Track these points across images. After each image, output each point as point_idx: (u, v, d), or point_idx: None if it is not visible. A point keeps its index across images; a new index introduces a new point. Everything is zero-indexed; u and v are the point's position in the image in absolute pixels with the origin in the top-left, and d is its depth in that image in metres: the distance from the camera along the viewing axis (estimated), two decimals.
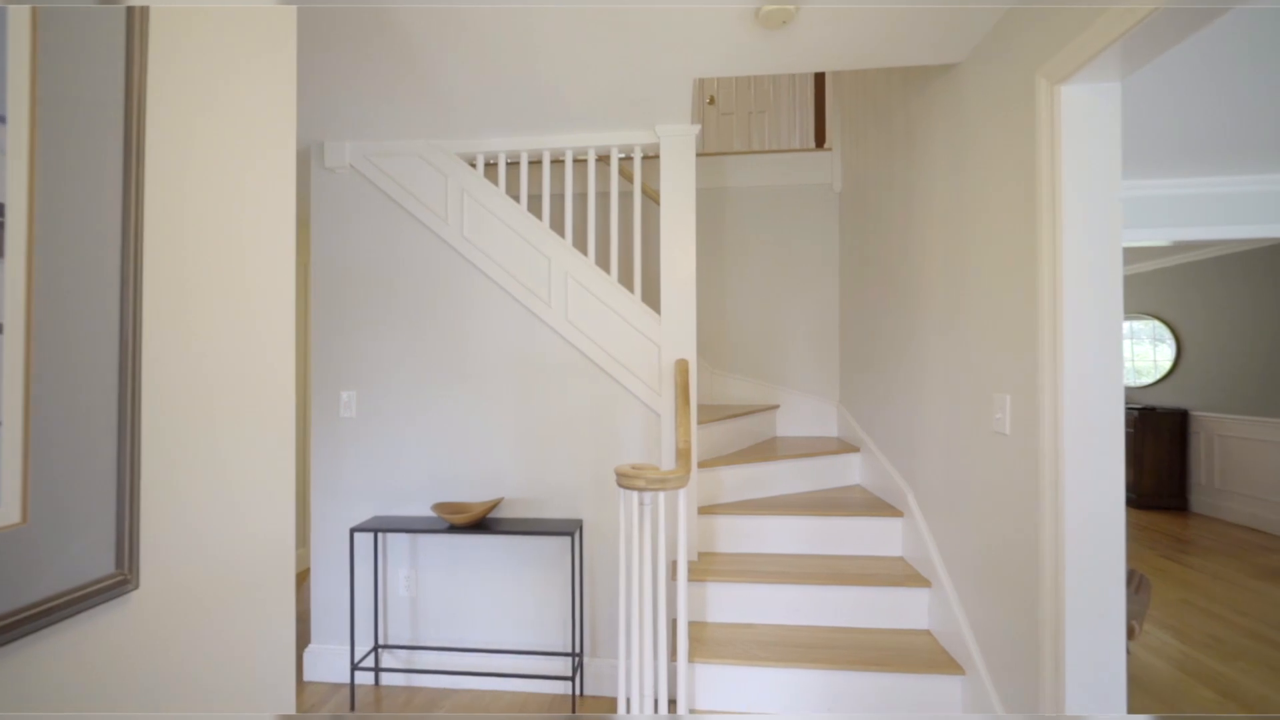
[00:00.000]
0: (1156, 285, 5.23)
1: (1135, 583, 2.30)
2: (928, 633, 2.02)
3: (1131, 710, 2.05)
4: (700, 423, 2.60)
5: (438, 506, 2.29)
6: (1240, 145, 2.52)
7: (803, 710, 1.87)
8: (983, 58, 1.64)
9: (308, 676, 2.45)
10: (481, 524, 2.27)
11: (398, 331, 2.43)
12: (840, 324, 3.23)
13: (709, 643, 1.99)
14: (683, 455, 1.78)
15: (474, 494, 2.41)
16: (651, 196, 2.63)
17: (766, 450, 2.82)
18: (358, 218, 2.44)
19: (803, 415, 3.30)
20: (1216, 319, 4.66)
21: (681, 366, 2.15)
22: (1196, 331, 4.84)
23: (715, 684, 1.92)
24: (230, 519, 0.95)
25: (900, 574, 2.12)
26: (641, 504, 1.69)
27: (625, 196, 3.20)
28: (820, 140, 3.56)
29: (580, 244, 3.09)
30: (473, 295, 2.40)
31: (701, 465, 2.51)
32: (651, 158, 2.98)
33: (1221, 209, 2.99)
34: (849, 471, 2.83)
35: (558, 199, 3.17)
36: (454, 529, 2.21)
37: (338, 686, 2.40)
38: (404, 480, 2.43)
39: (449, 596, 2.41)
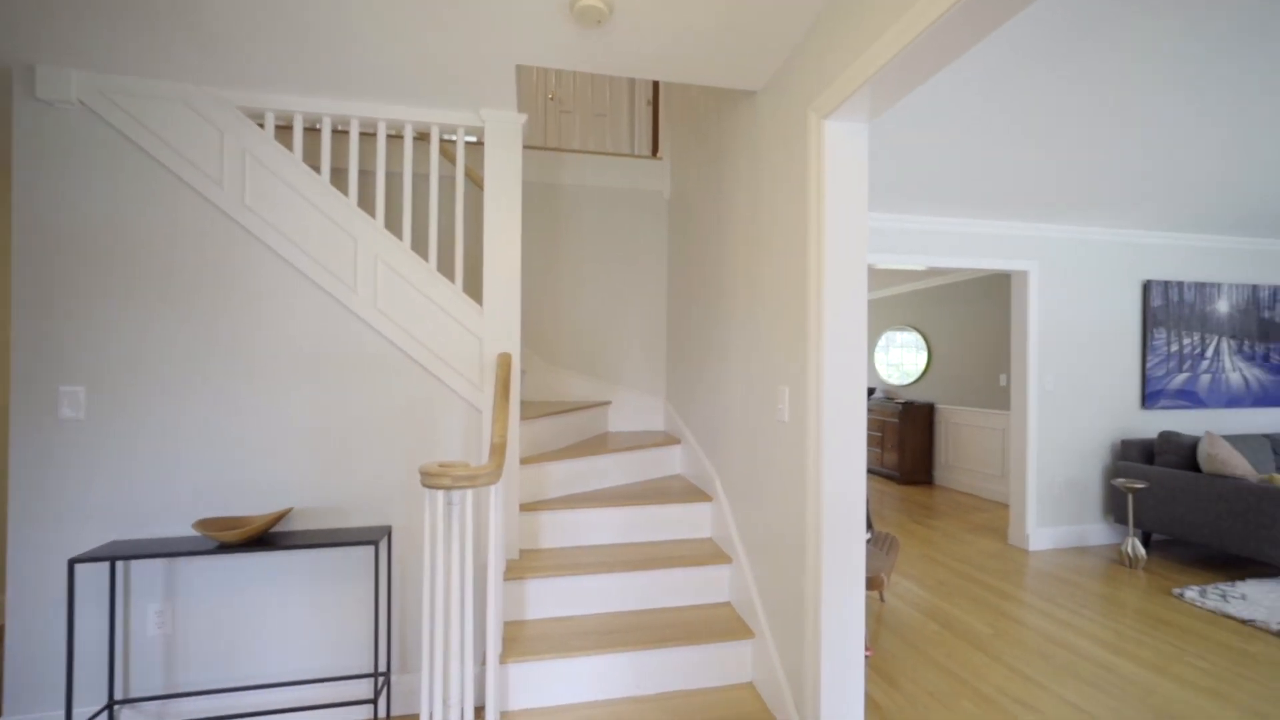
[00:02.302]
0: (916, 303, 6.45)
1: (887, 544, 2.80)
2: (728, 604, 2.23)
3: (875, 645, 2.49)
4: (529, 418, 2.56)
5: (203, 523, 1.92)
6: (965, 196, 3.22)
7: (613, 692, 1.93)
8: (775, 89, 1.86)
9: None
10: (264, 539, 1.96)
11: (151, 314, 1.99)
12: (668, 324, 3.42)
13: (526, 640, 1.96)
14: (497, 450, 1.73)
15: (257, 505, 2.08)
16: (476, 182, 2.52)
17: (596, 445, 2.88)
18: (89, 169, 1.94)
19: (633, 410, 3.44)
20: (954, 331, 5.90)
21: (504, 360, 2.09)
22: (942, 341, 6.08)
23: (531, 681, 1.90)
24: None
25: (708, 554, 2.31)
26: (449, 504, 1.60)
27: (448, 181, 3.03)
28: (656, 149, 3.75)
29: (395, 228, 2.85)
30: (257, 274, 2.06)
31: (529, 461, 2.47)
32: (477, 144, 2.85)
33: (960, 244, 3.79)
34: (671, 462, 3.01)
35: (368, 176, 2.88)
36: (226, 548, 1.88)
37: None
38: (157, 495, 2.00)
39: (221, 629, 2.04)
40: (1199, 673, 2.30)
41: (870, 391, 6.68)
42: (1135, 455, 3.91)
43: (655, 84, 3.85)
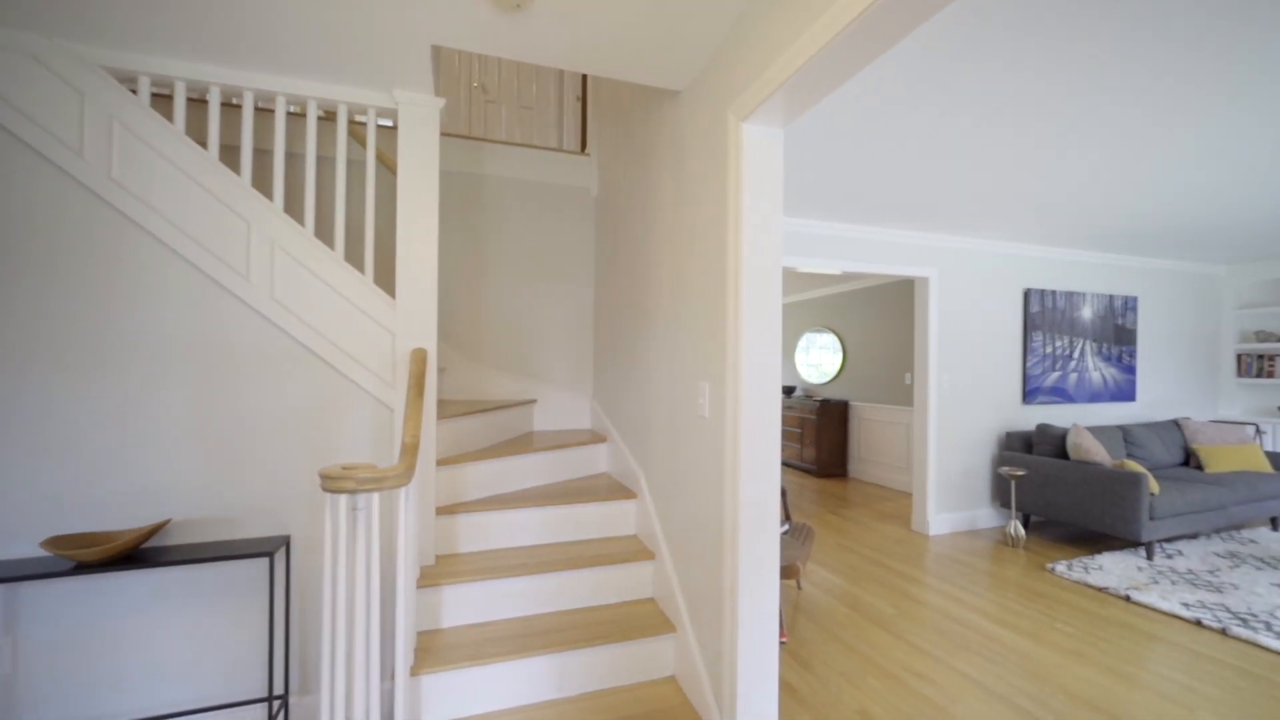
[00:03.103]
0: (833, 307, 6.83)
1: (804, 534, 2.93)
2: (652, 600, 2.25)
3: (791, 631, 2.60)
4: (448, 418, 2.45)
5: (55, 541, 1.68)
6: (877, 206, 3.44)
7: (535, 696, 1.89)
8: (698, 89, 1.89)
9: None
10: (135, 556, 1.74)
11: None
12: (595, 323, 3.40)
13: (440, 650, 1.87)
14: (408, 451, 1.63)
15: (131, 517, 1.84)
16: (389, 168, 2.37)
17: (521, 444, 2.81)
18: None
19: (560, 409, 3.38)
20: (866, 333, 6.31)
21: (418, 356, 1.99)
22: (855, 342, 6.47)
23: (446, 692, 1.81)
24: None
25: (632, 551, 2.31)
26: (354, 509, 1.49)
27: (358, 165, 2.85)
28: (585, 145, 3.72)
29: (296, 213, 2.63)
30: (127, 256, 1.83)
31: (447, 462, 2.36)
32: (391, 128, 2.70)
33: (872, 250, 4.04)
34: (597, 460, 2.99)
35: (265, 156, 2.64)
36: (86, 569, 1.65)
37: None
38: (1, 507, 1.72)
39: (82, 662, 1.79)
40: (1065, 637, 2.58)
41: (791, 390, 6.99)
42: (1017, 446, 4.34)
43: (584, 79, 3.81)
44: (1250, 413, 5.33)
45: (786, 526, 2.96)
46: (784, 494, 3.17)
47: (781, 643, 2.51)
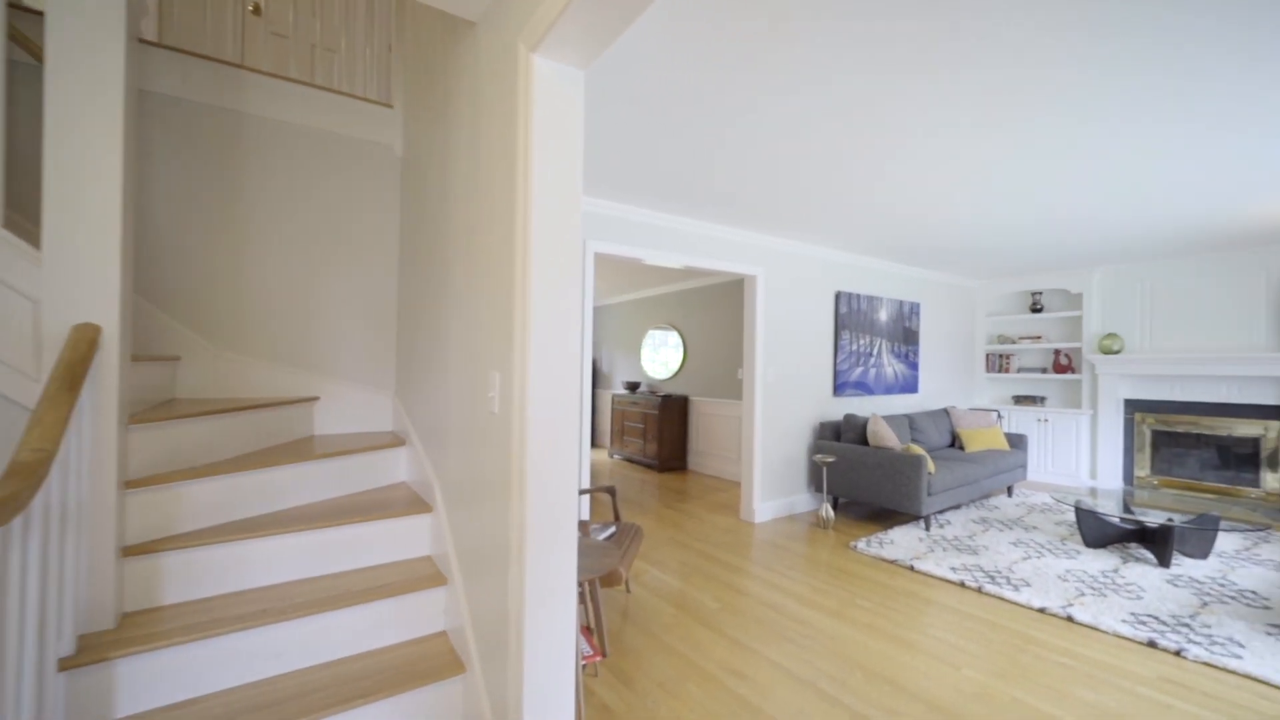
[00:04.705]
0: (675, 304, 6.97)
1: (630, 535, 2.78)
2: (443, 634, 1.88)
3: (616, 642, 2.42)
4: (160, 420, 1.82)
5: None
6: (710, 200, 3.43)
7: None
8: (491, 18, 1.58)
9: None
10: None
11: None
12: (399, 306, 2.90)
13: None
14: (20, 472, 1.08)
15: None
16: (35, 56, 1.67)
17: (291, 452, 2.23)
18: None
19: (354, 408, 2.82)
20: (704, 331, 6.52)
21: (78, 337, 1.38)
22: (695, 339, 6.66)
23: None
24: None
25: (422, 576, 1.92)
26: None
27: None
28: (391, 98, 3.16)
29: None
30: None
31: (154, 481, 1.74)
32: (33, 11, 1.95)
33: (711, 247, 4.06)
34: (396, 468, 2.52)
35: None
36: None
37: None
38: None
39: None
40: (863, 612, 2.77)
41: (636, 386, 6.99)
42: (828, 434, 4.74)
43: (393, 24, 3.25)
44: (994, 401, 6.53)
45: (613, 529, 2.78)
46: (613, 493, 2.99)
47: (594, 663, 2.31)
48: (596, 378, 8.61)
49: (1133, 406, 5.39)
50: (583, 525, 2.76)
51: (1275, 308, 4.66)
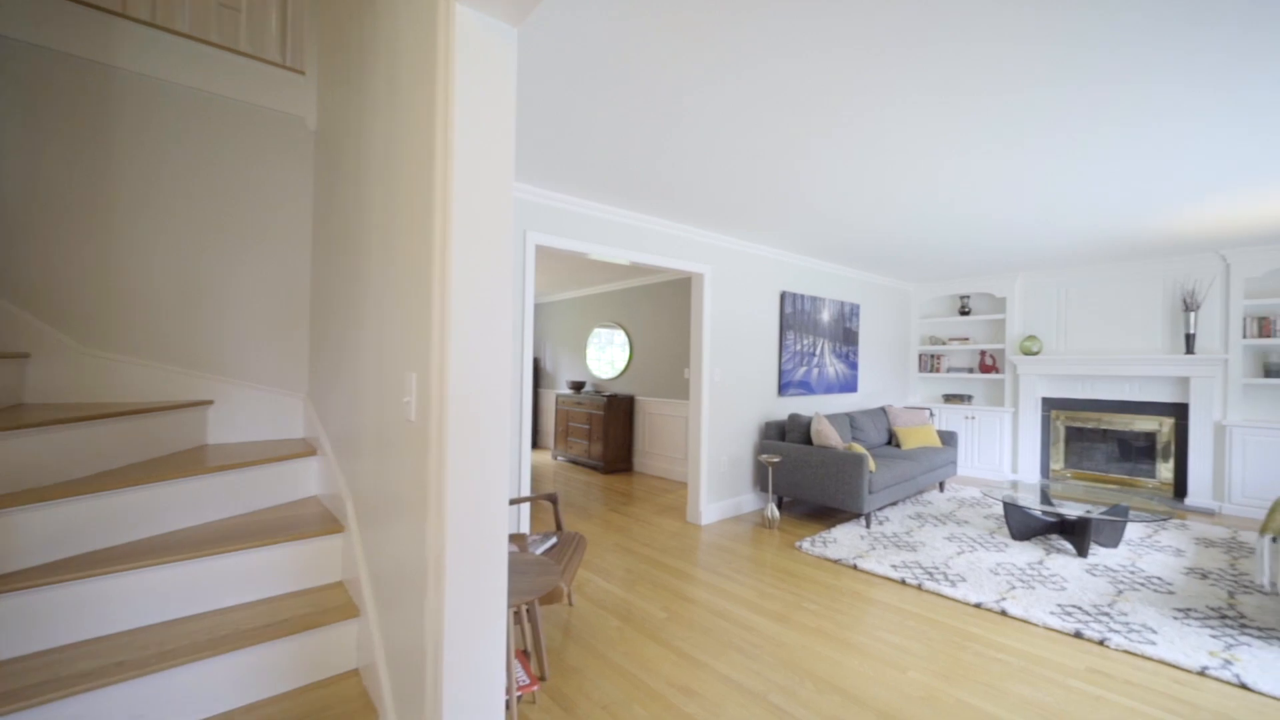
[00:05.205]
0: (621, 302, 6.83)
1: (573, 546, 2.60)
2: (356, 674, 1.65)
3: (557, 663, 2.25)
4: (8, 430, 1.48)
5: None
6: (659, 194, 3.31)
7: None
8: None
9: None
10: None
11: None
12: (312, 297, 2.59)
13: None
14: None
15: None
16: None
17: (175, 465, 1.90)
18: None
19: (257, 413, 2.49)
20: (651, 329, 6.42)
21: None
22: (642, 338, 6.55)
23: None
24: None
25: (331, 606, 1.68)
26: None
27: None
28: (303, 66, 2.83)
29: None
30: None
31: None
32: None
33: (658, 243, 3.94)
34: (305, 482, 2.23)
35: None
36: None
37: None
38: None
39: None
40: (811, 615, 2.73)
41: (581, 386, 6.80)
42: (774, 434, 4.74)
43: None
44: (926, 399, 6.81)
45: (554, 540, 2.60)
46: (555, 501, 2.82)
47: (530, 692, 2.13)
48: (540, 377, 8.34)
49: (1049, 404, 5.75)
50: (520, 538, 2.57)
51: (1170, 314, 5.08)
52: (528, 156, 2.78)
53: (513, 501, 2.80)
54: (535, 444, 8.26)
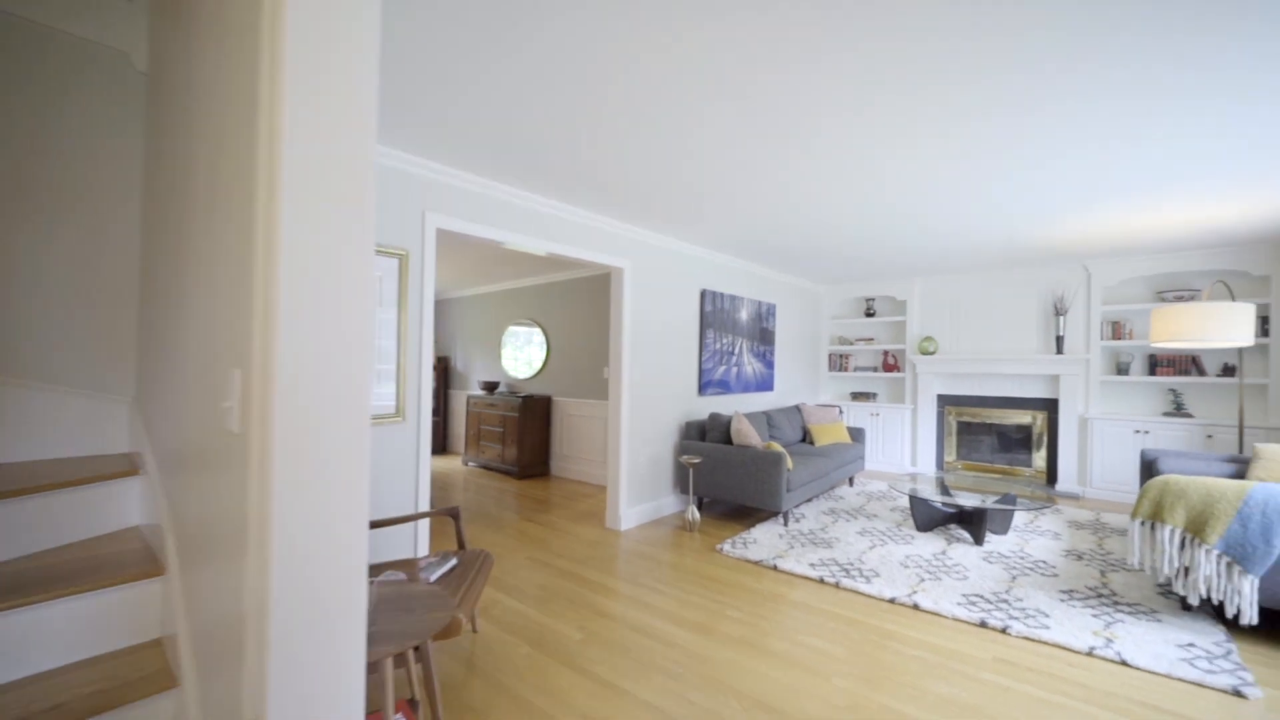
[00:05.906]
0: (537, 299, 6.50)
1: (476, 567, 2.31)
2: None
3: (455, 705, 1.96)
4: None
5: None
6: (578, 179, 3.07)
7: None
8: None
9: None
10: None
11: None
12: (141, 279, 2.11)
13: None
14: None
15: None
16: None
17: None
18: None
19: (66, 422, 1.98)
20: (569, 327, 6.15)
21: None
22: (559, 336, 6.26)
23: None
24: None
25: (136, 678, 1.30)
26: None
27: None
28: None
29: None
30: None
31: None
32: None
33: (577, 234, 3.69)
34: (124, 508, 1.78)
35: None
36: None
37: None
38: None
39: None
40: (734, 624, 2.62)
41: (494, 386, 6.39)
42: (694, 434, 4.66)
43: None
44: (836, 397, 7.08)
45: (454, 561, 2.29)
46: (457, 517, 2.50)
47: None
48: (450, 377, 7.79)
49: (944, 401, 6.16)
50: (411, 564, 2.24)
51: (1044, 318, 5.60)
52: (424, 123, 2.45)
53: (397, 521, 2.45)
54: (444, 449, 7.70)
